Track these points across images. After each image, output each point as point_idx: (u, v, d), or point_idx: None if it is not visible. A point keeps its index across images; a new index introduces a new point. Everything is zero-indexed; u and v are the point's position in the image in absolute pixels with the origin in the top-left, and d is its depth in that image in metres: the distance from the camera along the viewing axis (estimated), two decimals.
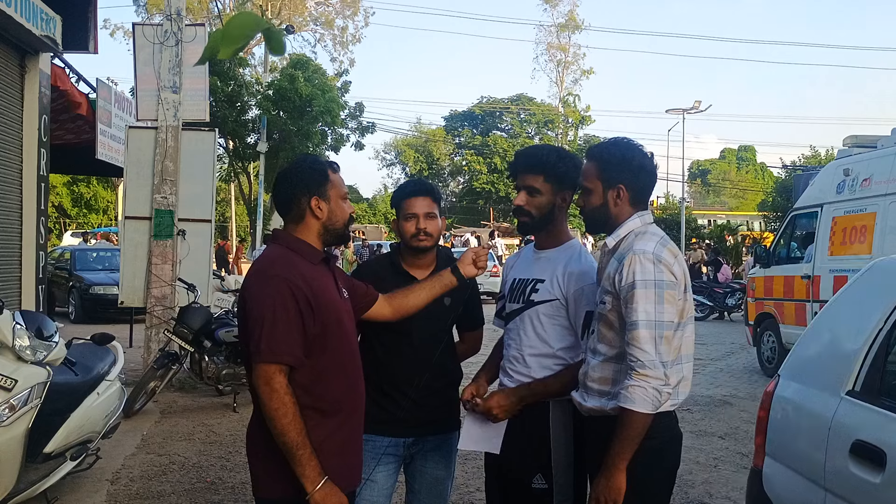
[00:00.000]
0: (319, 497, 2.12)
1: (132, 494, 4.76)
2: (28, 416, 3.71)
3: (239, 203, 32.68)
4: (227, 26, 1.44)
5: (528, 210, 2.63)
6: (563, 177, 2.61)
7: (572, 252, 2.68)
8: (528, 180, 2.62)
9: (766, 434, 3.02)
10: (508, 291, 2.78)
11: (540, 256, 2.73)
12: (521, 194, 2.64)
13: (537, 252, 2.76)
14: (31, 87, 7.85)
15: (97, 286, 14.37)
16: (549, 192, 2.61)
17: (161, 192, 8.08)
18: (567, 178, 2.62)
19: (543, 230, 2.69)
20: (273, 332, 2.12)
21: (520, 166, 2.67)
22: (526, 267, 2.76)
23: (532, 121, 51.46)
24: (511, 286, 2.77)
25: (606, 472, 2.23)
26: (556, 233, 2.70)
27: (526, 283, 2.69)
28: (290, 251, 2.27)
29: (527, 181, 2.62)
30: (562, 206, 2.66)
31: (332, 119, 23.67)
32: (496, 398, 2.62)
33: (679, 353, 2.31)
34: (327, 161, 2.41)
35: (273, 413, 2.09)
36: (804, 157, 31.71)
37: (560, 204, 2.65)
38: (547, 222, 2.66)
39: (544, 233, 2.70)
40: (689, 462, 5.47)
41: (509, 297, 2.78)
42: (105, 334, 4.95)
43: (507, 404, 2.59)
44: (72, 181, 37.38)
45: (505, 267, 2.96)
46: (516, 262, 2.88)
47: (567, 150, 2.79)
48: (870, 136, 9.67)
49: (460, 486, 4.78)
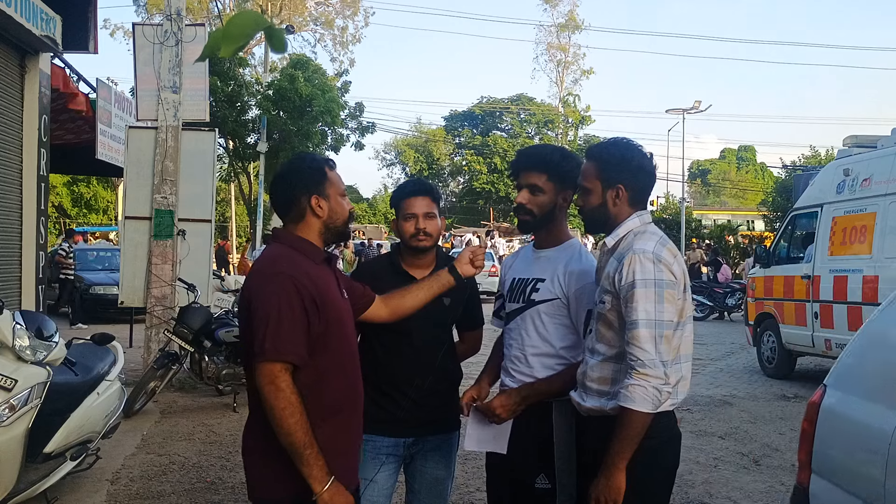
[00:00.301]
0: (328, 497, 2.09)
1: (132, 494, 4.76)
2: (28, 416, 3.71)
3: (239, 203, 32.64)
4: (228, 25, 1.44)
5: (530, 208, 2.63)
6: (566, 176, 2.61)
7: (573, 251, 2.68)
8: (531, 178, 2.61)
9: (812, 449, 2.82)
10: (508, 291, 2.78)
11: (540, 256, 2.73)
12: (522, 192, 2.63)
13: (537, 251, 2.75)
14: (31, 87, 7.85)
15: (97, 286, 14.37)
16: (552, 190, 2.61)
17: (161, 192, 8.08)
18: (569, 178, 2.61)
19: (544, 229, 2.69)
20: (278, 330, 2.09)
21: (522, 165, 2.66)
22: (525, 266, 2.76)
23: (532, 121, 51.44)
24: (511, 286, 2.77)
25: (606, 472, 2.23)
26: (556, 232, 2.70)
27: (526, 282, 2.69)
28: (292, 250, 2.25)
29: (529, 179, 2.62)
30: (563, 206, 2.66)
31: (332, 119, 23.63)
32: (498, 399, 2.62)
33: (678, 352, 2.31)
34: (323, 158, 2.39)
35: (280, 413, 2.05)
36: (804, 157, 31.67)
37: (561, 203, 2.65)
38: (548, 221, 2.66)
39: (544, 232, 2.70)
40: (689, 462, 5.47)
41: (509, 296, 2.77)
42: (105, 334, 4.96)
43: (510, 404, 2.59)
44: (72, 181, 37.37)
45: (503, 267, 2.95)
46: (515, 261, 2.87)
47: (569, 150, 2.79)
48: (870, 136, 9.66)
49: (460, 486, 4.78)
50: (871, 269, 8.11)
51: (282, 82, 23.05)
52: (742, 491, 5.04)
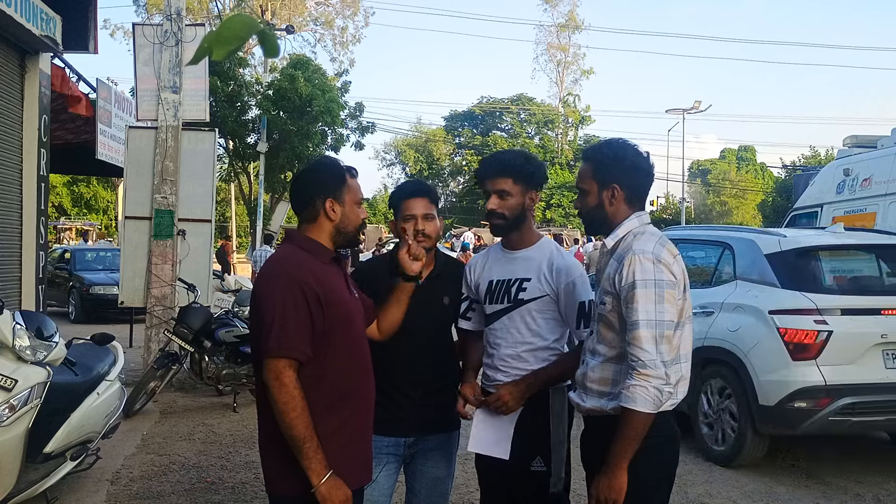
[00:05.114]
0: (325, 490, 2.14)
1: (132, 494, 4.77)
2: (28, 416, 3.71)
3: (239, 203, 32.67)
4: (221, 28, 1.45)
5: (502, 212, 2.73)
6: (531, 177, 2.74)
7: (551, 249, 2.79)
8: (498, 184, 2.73)
9: None
10: (487, 292, 2.82)
11: (516, 256, 2.80)
12: (492, 198, 2.74)
13: (510, 252, 2.82)
14: (31, 87, 7.84)
15: (97, 286, 14.38)
16: (519, 193, 2.73)
17: (161, 192, 8.09)
18: (534, 179, 2.75)
19: (516, 230, 2.79)
20: (283, 327, 2.16)
21: (488, 172, 2.77)
22: (503, 268, 2.81)
23: (532, 121, 51.47)
24: (489, 288, 2.81)
25: (607, 472, 2.24)
26: (527, 233, 2.81)
27: (509, 283, 2.76)
28: (301, 250, 2.33)
29: (497, 185, 2.73)
30: (530, 206, 2.77)
31: (332, 119, 23.64)
32: (506, 388, 2.68)
33: (678, 352, 2.32)
34: (347, 165, 2.44)
35: (282, 407, 2.13)
36: (804, 157, 31.72)
37: (528, 204, 2.76)
38: (520, 222, 2.76)
39: (517, 233, 2.80)
40: (689, 462, 5.47)
41: (488, 298, 2.81)
42: (105, 334, 4.95)
43: (517, 391, 2.67)
44: (72, 181, 37.43)
45: (470, 270, 2.92)
46: (486, 263, 2.89)
47: (530, 152, 2.97)
48: (870, 136, 9.68)
49: (460, 486, 4.78)
50: None
51: (282, 82, 23.05)
52: (742, 491, 5.04)
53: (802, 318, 5.12)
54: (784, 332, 5.11)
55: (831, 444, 6.03)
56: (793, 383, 5.05)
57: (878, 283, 5.80)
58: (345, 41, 41.18)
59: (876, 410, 5.16)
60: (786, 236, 5.83)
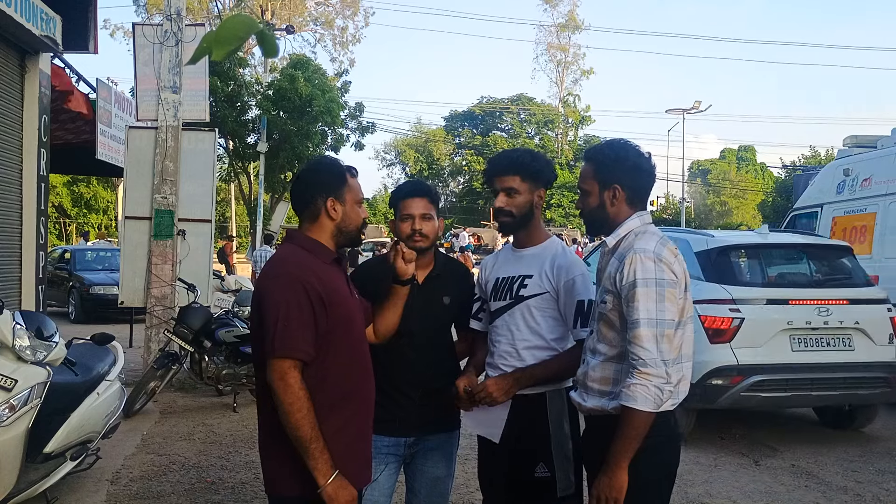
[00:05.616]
0: (331, 490, 2.14)
1: (132, 494, 4.76)
2: (28, 416, 3.71)
3: (239, 203, 32.69)
4: (220, 28, 1.45)
5: (509, 210, 2.74)
6: (538, 175, 2.74)
7: (556, 248, 2.80)
8: (506, 182, 2.73)
9: None
10: (492, 290, 2.84)
11: (523, 255, 2.81)
12: (500, 196, 2.75)
13: (518, 251, 2.84)
14: (31, 87, 7.84)
15: (97, 286, 14.37)
16: (527, 190, 2.73)
17: (161, 192, 8.08)
18: (541, 176, 2.75)
19: (524, 228, 2.79)
20: (287, 328, 2.16)
21: (495, 170, 2.78)
22: (508, 266, 2.83)
23: (532, 121, 51.50)
24: (495, 285, 2.84)
25: (608, 471, 2.24)
26: (535, 231, 2.81)
27: (512, 280, 2.77)
28: (302, 250, 2.32)
29: (504, 183, 2.73)
30: (538, 204, 2.78)
31: (332, 119, 23.64)
32: (493, 380, 2.69)
33: (679, 351, 2.32)
34: (347, 165, 2.44)
35: (287, 408, 2.13)
36: (804, 157, 31.73)
37: (536, 202, 2.77)
38: (527, 220, 2.77)
39: (525, 231, 2.80)
40: (689, 462, 5.46)
41: (493, 295, 2.84)
42: (105, 334, 4.95)
43: (504, 384, 2.66)
44: (72, 181, 37.38)
45: (482, 269, 2.98)
46: (496, 262, 2.93)
47: (536, 151, 2.95)
48: (870, 136, 9.68)
49: (460, 486, 4.78)
50: (871, 269, 8.10)
51: (282, 82, 23.06)
52: (742, 491, 5.04)
53: (719, 307, 5.80)
54: (704, 319, 5.71)
55: (832, 445, 6.03)
56: (710, 363, 5.66)
57: (788, 277, 6.67)
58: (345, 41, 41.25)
59: (782, 387, 5.86)
60: (713, 237, 6.53)
